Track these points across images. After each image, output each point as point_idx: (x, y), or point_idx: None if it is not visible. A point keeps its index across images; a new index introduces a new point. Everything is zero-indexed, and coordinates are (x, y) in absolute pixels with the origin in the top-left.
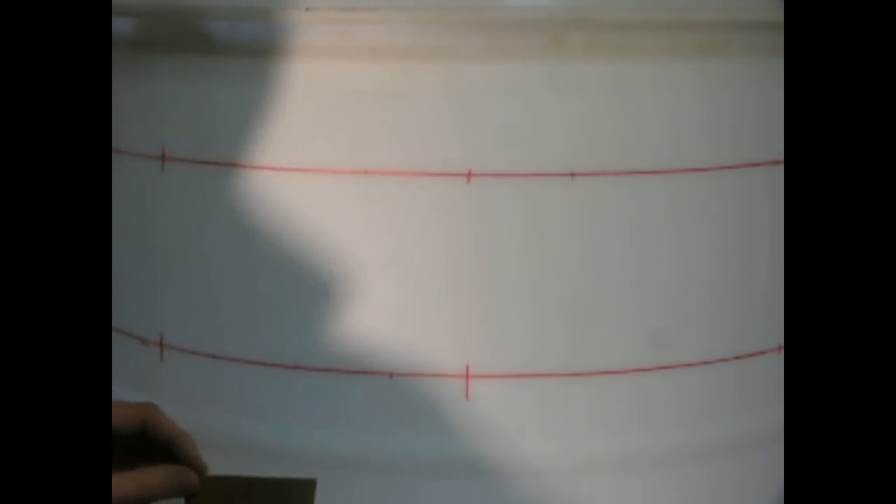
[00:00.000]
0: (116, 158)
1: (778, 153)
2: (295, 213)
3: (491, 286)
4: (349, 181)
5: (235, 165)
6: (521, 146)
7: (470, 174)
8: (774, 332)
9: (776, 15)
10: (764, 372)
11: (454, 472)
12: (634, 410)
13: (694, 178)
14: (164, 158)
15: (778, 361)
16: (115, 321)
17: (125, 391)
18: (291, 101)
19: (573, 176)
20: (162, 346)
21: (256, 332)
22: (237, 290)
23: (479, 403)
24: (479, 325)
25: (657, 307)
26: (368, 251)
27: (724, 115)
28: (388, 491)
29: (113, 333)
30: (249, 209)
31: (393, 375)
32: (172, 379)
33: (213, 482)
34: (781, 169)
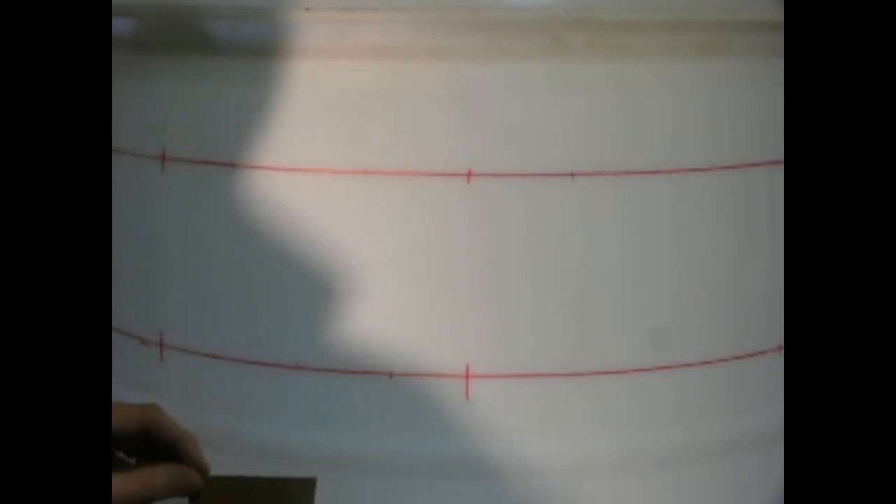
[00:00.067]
0: (116, 158)
1: (778, 153)
2: (295, 213)
3: (491, 286)
4: (349, 181)
5: (235, 165)
6: (521, 146)
7: (470, 174)
8: (774, 332)
9: (776, 15)
10: (764, 372)
11: (454, 472)
12: (634, 410)
13: (694, 178)
14: (164, 158)
15: (778, 361)
16: (115, 321)
17: (125, 391)
18: (291, 101)
19: (573, 176)
20: (162, 346)
21: (256, 332)
22: (237, 290)
23: (479, 403)
24: (479, 325)
25: (657, 307)
26: (368, 251)
27: (724, 115)
28: (387, 491)
29: (113, 333)
30: (250, 209)
31: (393, 375)
32: (172, 379)
33: (214, 482)
34: (781, 169)
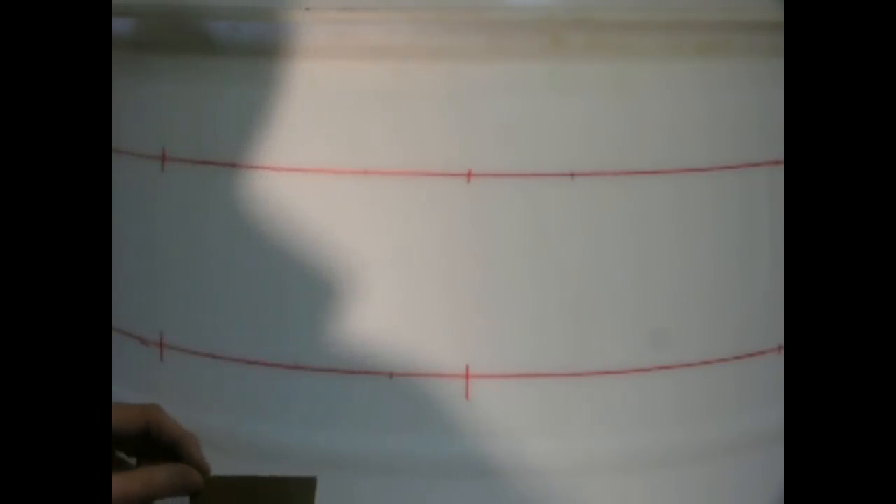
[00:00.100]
0: (116, 158)
1: (778, 153)
2: (295, 213)
3: (491, 286)
4: (349, 181)
5: (235, 165)
6: (521, 146)
7: (470, 174)
8: (774, 332)
9: (776, 15)
10: (764, 372)
11: (454, 472)
12: (634, 410)
13: (694, 178)
14: (164, 158)
15: (778, 361)
16: (115, 321)
17: (125, 391)
18: (291, 101)
19: (573, 176)
20: (162, 346)
21: (256, 332)
22: (237, 290)
23: (479, 403)
24: (479, 325)
25: (657, 307)
26: (368, 251)
27: (724, 115)
28: (388, 491)
29: (113, 333)
30: (249, 209)
31: (393, 375)
32: (172, 379)
33: (215, 482)
34: (781, 169)
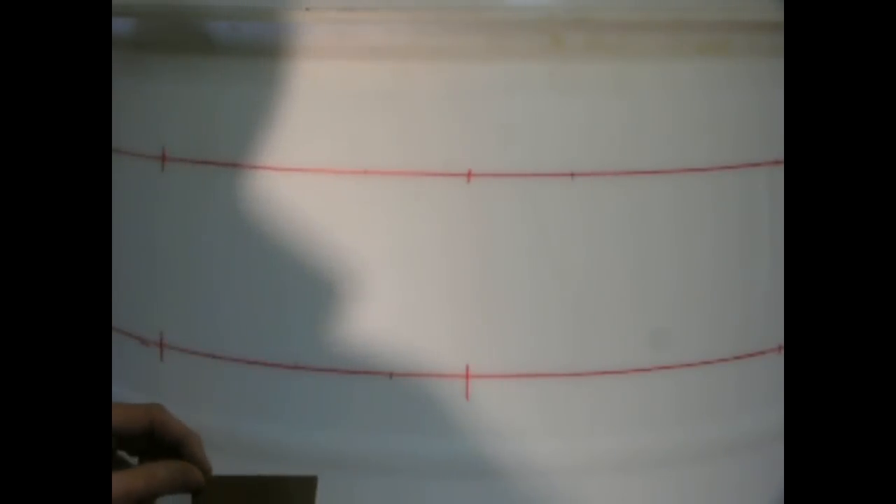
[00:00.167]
0: (116, 158)
1: (778, 153)
2: (295, 213)
3: (491, 286)
4: (349, 181)
5: (235, 165)
6: (521, 146)
7: (470, 174)
8: (774, 332)
9: (776, 15)
10: (764, 372)
11: (454, 472)
12: (634, 410)
13: (694, 178)
14: (164, 158)
15: (778, 361)
16: (115, 321)
17: (125, 391)
18: (291, 101)
19: (573, 176)
20: (162, 346)
21: (256, 332)
22: (237, 290)
23: (479, 403)
24: (479, 325)
25: (657, 307)
26: (368, 251)
27: (724, 115)
28: (388, 491)
29: (113, 333)
30: (249, 209)
31: (393, 375)
32: (172, 379)
33: (216, 482)
34: (781, 169)
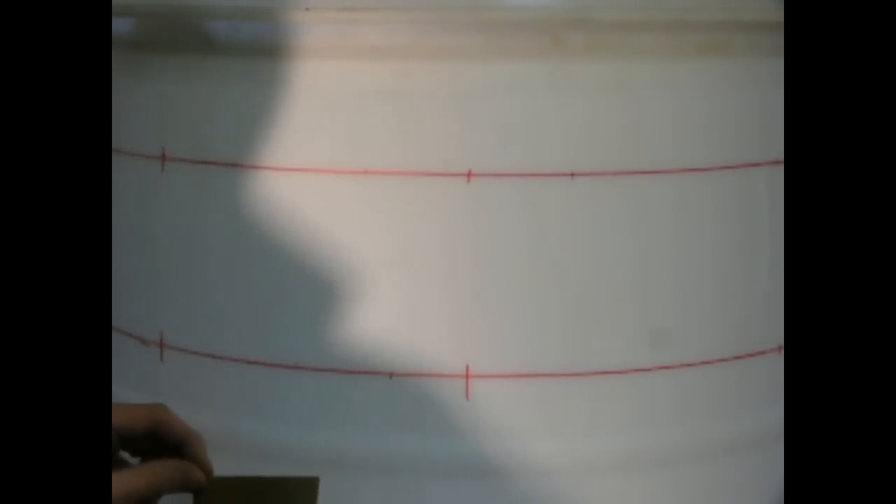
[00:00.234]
0: (116, 158)
1: (778, 153)
2: (295, 213)
3: (491, 286)
4: (349, 181)
5: (236, 165)
6: (521, 146)
7: (470, 174)
8: (774, 332)
9: (776, 15)
10: (764, 372)
11: (454, 472)
12: (634, 410)
13: (694, 178)
14: (164, 158)
15: (778, 361)
16: (115, 321)
17: (125, 391)
18: (291, 101)
19: (573, 176)
20: (162, 346)
21: (256, 332)
22: (237, 290)
23: (479, 403)
24: (479, 325)
25: (657, 307)
26: (368, 251)
27: (724, 115)
28: (388, 491)
29: (113, 333)
30: (250, 209)
31: (393, 375)
32: (172, 379)
33: (217, 482)
34: (781, 169)
